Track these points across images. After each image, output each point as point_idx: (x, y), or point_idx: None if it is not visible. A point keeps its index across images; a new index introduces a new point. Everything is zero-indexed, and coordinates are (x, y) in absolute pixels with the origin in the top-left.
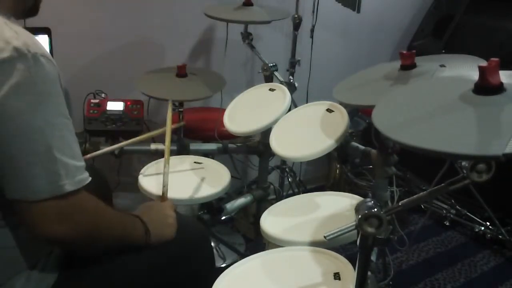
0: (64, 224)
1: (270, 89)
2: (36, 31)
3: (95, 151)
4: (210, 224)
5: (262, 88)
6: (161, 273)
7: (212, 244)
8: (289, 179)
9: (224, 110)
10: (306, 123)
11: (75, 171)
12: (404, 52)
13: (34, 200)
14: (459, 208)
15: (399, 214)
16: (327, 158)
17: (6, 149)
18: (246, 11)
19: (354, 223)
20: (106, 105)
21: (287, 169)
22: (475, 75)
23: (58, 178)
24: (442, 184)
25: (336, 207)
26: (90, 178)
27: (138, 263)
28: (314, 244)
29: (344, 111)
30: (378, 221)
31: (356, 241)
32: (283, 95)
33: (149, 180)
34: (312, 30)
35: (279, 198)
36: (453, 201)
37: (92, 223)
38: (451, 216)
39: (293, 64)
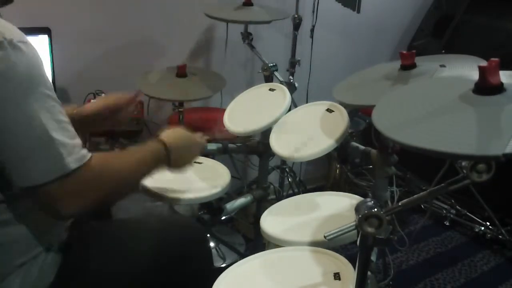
0: (80, 199)
1: (270, 89)
2: (36, 31)
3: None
4: (210, 224)
5: (262, 88)
6: (159, 273)
7: (212, 244)
8: (289, 179)
9: (224, 110)
10: (306, 123)
11: (74, 149)
12: (404, 52)
13: (44, 182)
14: (459, 208)
15: (399, 214)
16: (327, 158)
17: (6, 137)
18: (246, 11)
19: (354, 223)
20: None
21: (287, 169)
22: (475, 75)
23: (61, 158)
24: (442, 184)
25: (336, 207)
26: (90, 154)
27: (137, 263)
28: (314, 244)
29: (344, 111)
30: (378, 221)
31: (356, 241)
32: (283, 95)
33: (150, 180)
34: (312, 30)
35: (279, 198)
36: (453, 201)
37: (106, 188)
38: (451, 216)
39: (293, 64)
